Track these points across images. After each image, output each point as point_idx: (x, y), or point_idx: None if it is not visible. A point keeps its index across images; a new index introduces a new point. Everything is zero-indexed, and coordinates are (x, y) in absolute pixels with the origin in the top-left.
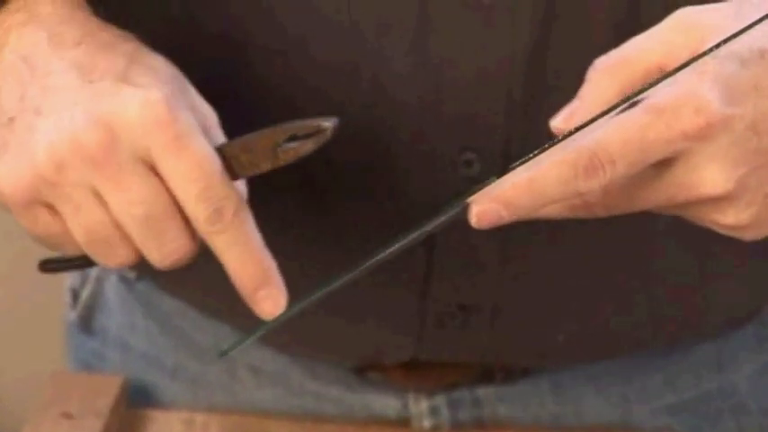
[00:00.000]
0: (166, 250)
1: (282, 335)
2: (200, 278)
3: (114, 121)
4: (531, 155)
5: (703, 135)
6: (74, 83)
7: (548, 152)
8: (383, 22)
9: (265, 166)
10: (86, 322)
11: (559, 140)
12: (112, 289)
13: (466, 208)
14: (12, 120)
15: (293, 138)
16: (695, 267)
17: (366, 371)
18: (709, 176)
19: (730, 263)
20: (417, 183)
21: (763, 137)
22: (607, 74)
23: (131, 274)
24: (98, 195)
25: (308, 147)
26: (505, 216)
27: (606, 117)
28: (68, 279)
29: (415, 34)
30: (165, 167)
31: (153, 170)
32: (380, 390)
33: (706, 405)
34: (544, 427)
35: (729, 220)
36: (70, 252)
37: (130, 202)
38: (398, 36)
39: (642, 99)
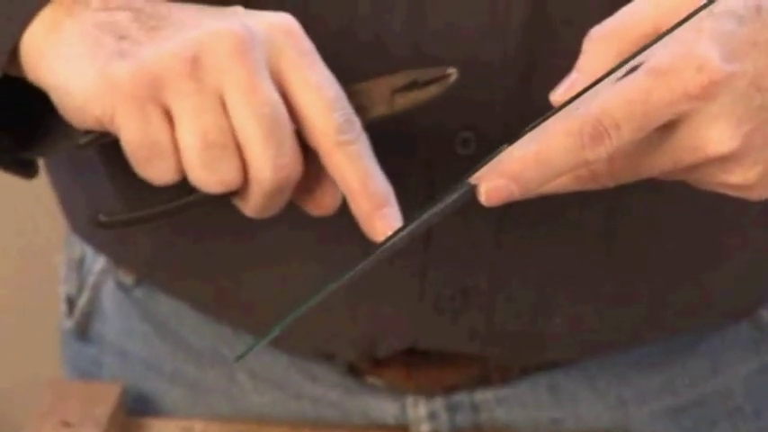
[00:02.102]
0: (281, 162)
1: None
2: (199, 272)
3: (252, 27)
4: (528, 127)
5: (706, 94)
6: (192, 11)
7: (550, 122)
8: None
9: (381, 111)
10: (83, 330)
11: (557, 110)
12: (109, 296)
13: (472, 189)
14: (124, 37)
15: (413, 84)
16: (696, 257)
17: (364, 373)
18: (714, 136)
19: (730, 254)
20: (416, 162)
21: (765, 93)
22: (603, 42)
23: (129, 280)
24: (223, 100)
25: (429, 92)
26: (515, 192)
27: (606, 83)
28: (64, 288)
29: (410, 11)
30: (296, 77)
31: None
32: (379, 394)
33: (703, 408)
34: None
35: (737, 179)
36: (162, 170)
37: (259, 102)
38: (395, 13)
39: (641, 63)
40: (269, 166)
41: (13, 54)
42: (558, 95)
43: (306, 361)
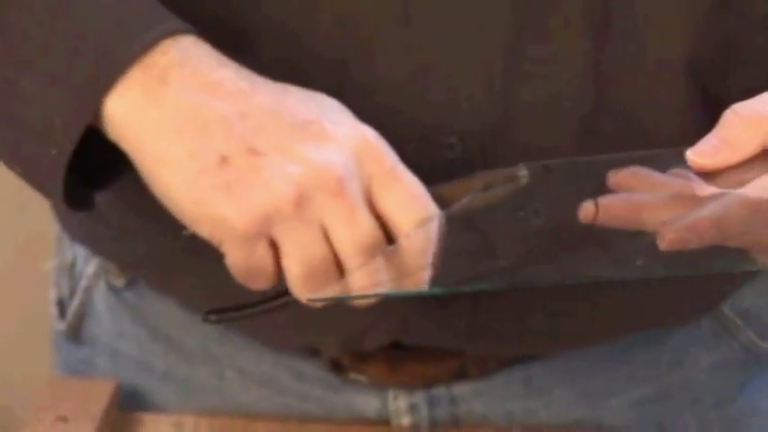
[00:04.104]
0: (374, 275)
1: (267, 323)
2: (191, 277)
3: (347, 158)
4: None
5: None
6: (280, 123)
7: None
8: (369, 14)
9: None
10: (76, 332)
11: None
12: (101, 298)
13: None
14: (225, 159)
15: (489, 186)
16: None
17: (347, 369)
18: None
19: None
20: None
21: None
22: (751, 126)
23: (120, 283)
24: (325, 231)
25: (498, 194)
26: (693, 244)
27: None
28: (55, 291)
29: (398, 20)
30: (386, 194)
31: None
32: (361, 389)
33: (667, 400)
34: (516, 425)
35: None
36: (261, 285)
37: (359, 232)
38: (384, 21)
39: None
40: (363, 281)
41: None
42: (696, 158)
43: (291, 358)
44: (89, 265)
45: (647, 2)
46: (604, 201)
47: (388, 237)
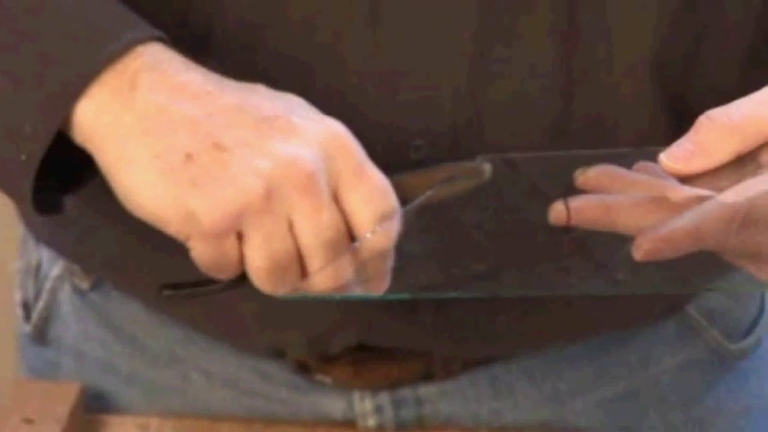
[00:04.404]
0: (337, 274)
1: (233, 323)
2: (157, 277)
3: (315, 152)
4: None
5: None
6: (246, 120)
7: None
8: (336, 17)
9: (420, 201)
10: (41, 334)
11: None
12: (66, 300)
13: None
14: (189, 156)
15: (451, 178)
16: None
17: (313, 371)
18: None
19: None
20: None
21: None
22: (728, 134)
23: (85, 285)
24: (291, 223)
25: (465, 186)
26: (667, 255)
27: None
28: (20, 293)
29: (366, 21)
30: (351, 192)
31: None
32: (327, 391)
33: (634, 399)
34: (482, 426)
35: None
36: (225, 275)
37: (323, 227)
38: (351, 25)
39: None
40: (326, 280)
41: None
42: (670, 162)
43: (257, 360)
44: (54, 267)
45: (616, 3)
46: (576, 202)
47: (351, 235)
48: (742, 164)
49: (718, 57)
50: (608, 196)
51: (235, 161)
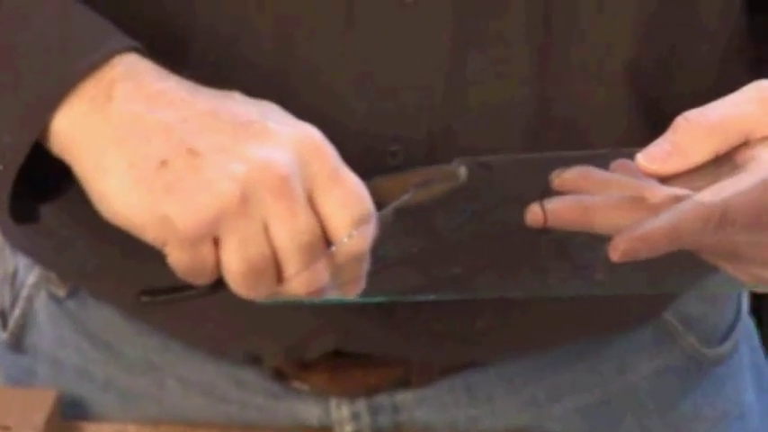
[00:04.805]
0: (314, 278)
1: (209, 330)
2: (133, 285)
3: (290, 156)
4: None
5: None
6: (221, 125)
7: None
8: (311, 23)
9: (397, 205)
10: (18, 341)
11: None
12: (43, 307)
13: None
14: (164, 162)
15: (428, 182)
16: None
17: (289, 378)
18: None
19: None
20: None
21: None
22: (706, 134)
23: (61, 292)
24: (266, 227)
25: (441, 189)
26: (643, 254)
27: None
28: None
29: (341, 27)
30: (327, 196)
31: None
32: (303, 397)
33: (610, 405)
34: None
35: None
36: (201, 280)
37: (299, 230)
38: (326, 30)
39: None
40: (301, 284)
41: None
42: (647, 162)
43: (233, 366)
44: (30, 275)
45: (591, 8)
46: (552, 204)
47: (327, 238)
48: (718, 164)
49: (693, 62)
50: (585, 197)
51: (209, 166)
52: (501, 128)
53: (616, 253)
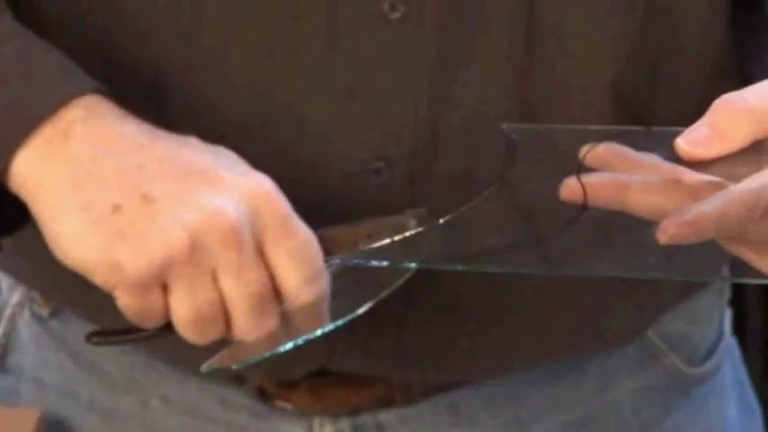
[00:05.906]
0: (264, 326)
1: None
2: (115, 308)
3: (240, 205)
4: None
5: None
6: (176, 173)
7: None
8: (294, 40)
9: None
10: (1, 361)
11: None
12: (26, 327)
13: None
14: (118, 207)
15: (377, 233)
16: (591, 295)
17: (273, 397)
18: None
19: (622, 289)
20: (332, 192)
21: None
22: (746, 118)
23: (45, 311)
24: (215, 276)
25: (386, 241)
26: (691, 239)
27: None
28: None
29: (324, 44)
30: (277, 247)
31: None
32: (287, 417)
33: (593, 423)
34: None
35: None
36: (150, 324)
37: (248, 281)
38: (309, 48)
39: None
40: (248, 332)
41: None
42: (690, 147)
43: (216, 386)
44: (14, 295)
45: (574, 26)
46: (589, 179)
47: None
48: (757, 151)
49: (676, 81)
50: (621, 175)
51: (162, 213)
52: (484, 144)
53: (665, 236)
